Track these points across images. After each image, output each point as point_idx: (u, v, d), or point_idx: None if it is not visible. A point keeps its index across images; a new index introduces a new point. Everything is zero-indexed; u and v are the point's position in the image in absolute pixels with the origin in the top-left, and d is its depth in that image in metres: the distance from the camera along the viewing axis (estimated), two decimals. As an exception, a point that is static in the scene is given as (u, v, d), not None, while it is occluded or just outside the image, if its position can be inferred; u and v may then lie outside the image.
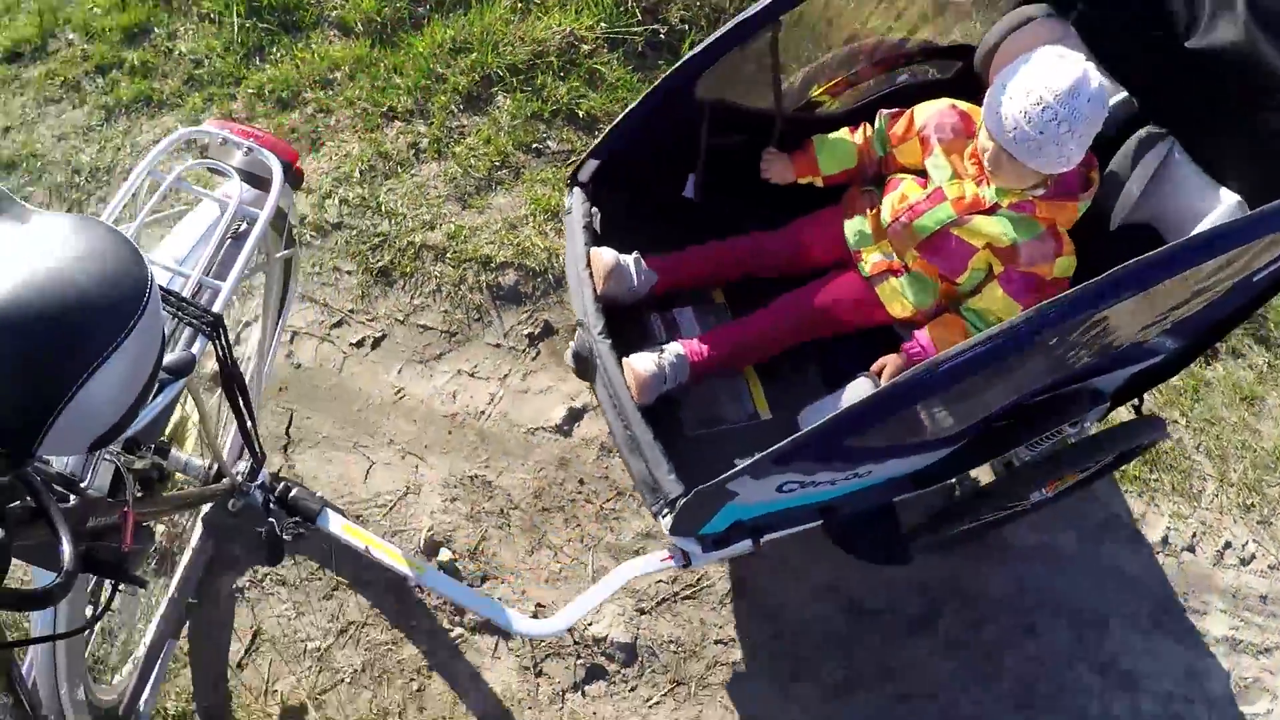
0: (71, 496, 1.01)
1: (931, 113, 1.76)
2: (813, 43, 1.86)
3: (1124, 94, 1.70)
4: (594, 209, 1.74)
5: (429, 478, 2.07)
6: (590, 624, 1.94)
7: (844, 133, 1.83)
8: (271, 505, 1.58)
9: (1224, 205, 1.54)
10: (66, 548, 0.82)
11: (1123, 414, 2.09)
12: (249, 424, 1.43)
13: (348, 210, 2.37)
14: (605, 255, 1.67)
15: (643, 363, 1.61)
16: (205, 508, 1.86)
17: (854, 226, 1.80)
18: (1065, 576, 2.14)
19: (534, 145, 2.51)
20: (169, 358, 1.12)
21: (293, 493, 1.62)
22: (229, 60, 2.57)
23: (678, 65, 1.70)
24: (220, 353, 1.25)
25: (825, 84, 1.89)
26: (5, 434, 0.78)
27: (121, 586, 1.30)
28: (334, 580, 1.97)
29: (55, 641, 1.24)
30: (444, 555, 1.97)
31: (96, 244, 0.86)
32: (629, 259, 1.71)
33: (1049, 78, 1.53)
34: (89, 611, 1.33)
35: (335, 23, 2.67)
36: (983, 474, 2.14)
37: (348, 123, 2.51)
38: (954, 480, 1.95)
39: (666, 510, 1.53)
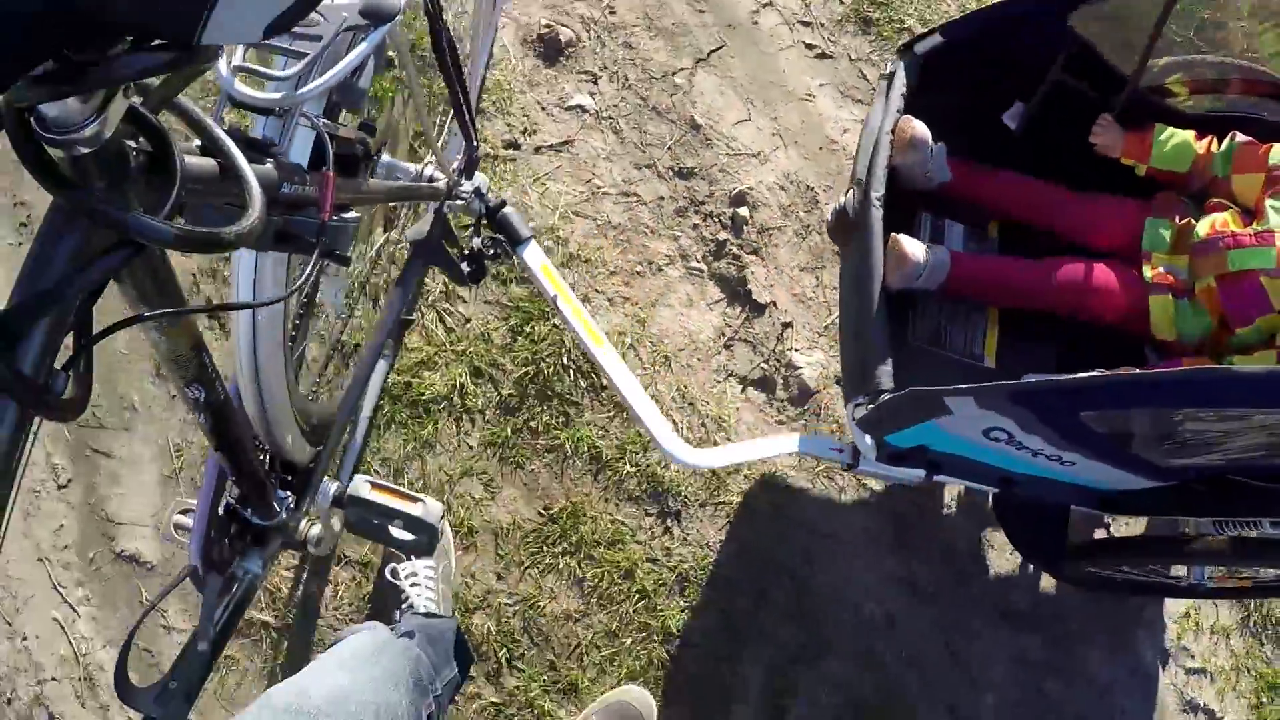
0: (266, 161, 0.89)
1: None
2: (1199, 29, 1.71)
3: None
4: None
5: (779, 160, 2.21)
6: (799, 368, 2.03)
7: (1189, 135, 1.68)
8: (483, 217, 1.48)
9: None
10: (252, 186, 0.70)
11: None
12: (465, 104, 1.31)
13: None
14: (918, 126, 1.55)
15: (912, 246, 1.50)
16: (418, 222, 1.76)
17: (1156, 227, 1.66)
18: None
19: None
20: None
21: (506, 209, 1.53)
22: None
23: (1067, -18, 1.57)
24: (429, 6, 1.08)
25: (1189, 78, 1.74)
26: (165, 18, 0.60)
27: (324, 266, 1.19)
28: (651, 159, 2.17)
29: (256, 339, 1.13)
30: (743, 210, 2.11)
31: None
32: (936, 145, 1.59)
33: None
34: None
35: None
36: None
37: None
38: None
39: (866, 401, 1.42)
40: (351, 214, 1.10)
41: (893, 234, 1.51)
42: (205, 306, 0.89)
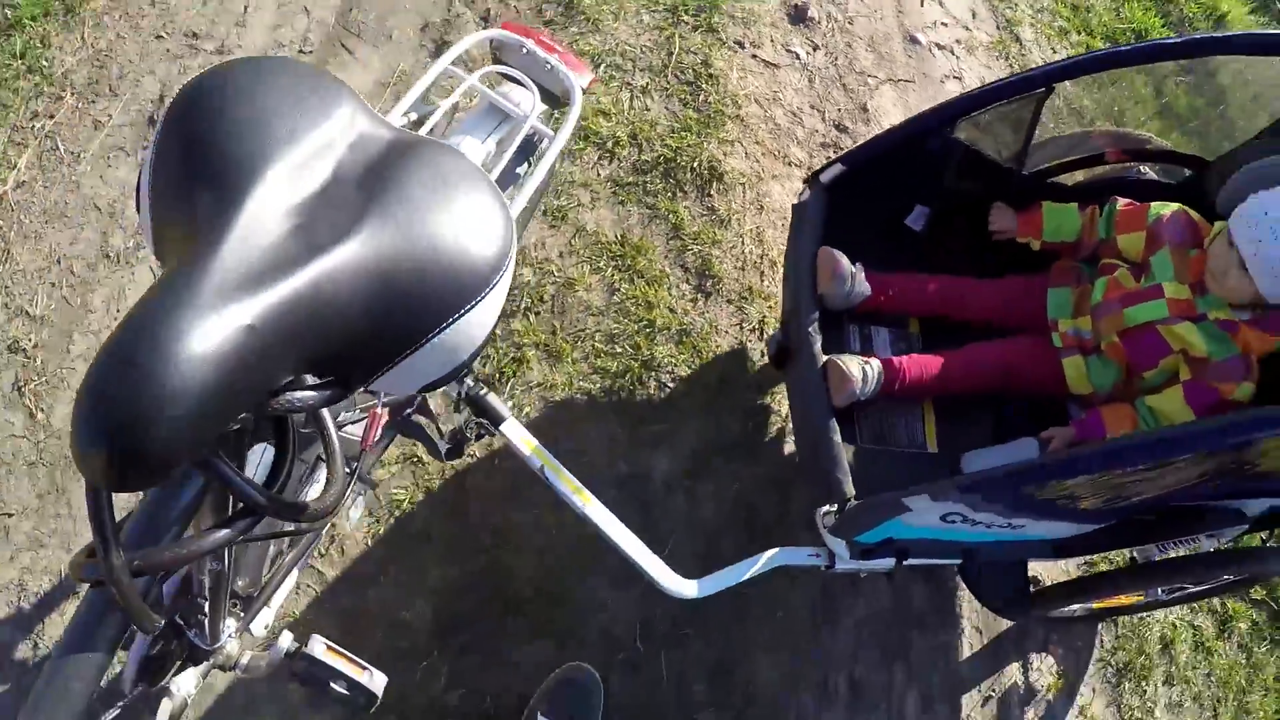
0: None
1: (1166, 213, 1.80)
2: (1068, 116, 1.92)
3: None
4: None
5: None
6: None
7: (1073, 207, 1.89)
8: (462, 400, 1.62)
9: None
10: (338, 465, 0.82)
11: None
12: None
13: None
14: (839, 258, 1.74)
15: (851, 368, 1.68)
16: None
17: (1057, 297, 1.86)
18: None
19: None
20: None
21: (484, 392, 1.67)
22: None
23: (947, 102, 1.77)
24: None
25: (1065, 158, 1.95)
26: (343, 365, 0.72)
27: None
28: (823, 108, 2.75)
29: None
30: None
31: (473, 191, 0.82)
32: (854, 267, 1.78)
33: None
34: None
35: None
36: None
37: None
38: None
39: (833, 510, 1.60)
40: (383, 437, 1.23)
41: (830, 358, 1.69)
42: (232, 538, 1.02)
